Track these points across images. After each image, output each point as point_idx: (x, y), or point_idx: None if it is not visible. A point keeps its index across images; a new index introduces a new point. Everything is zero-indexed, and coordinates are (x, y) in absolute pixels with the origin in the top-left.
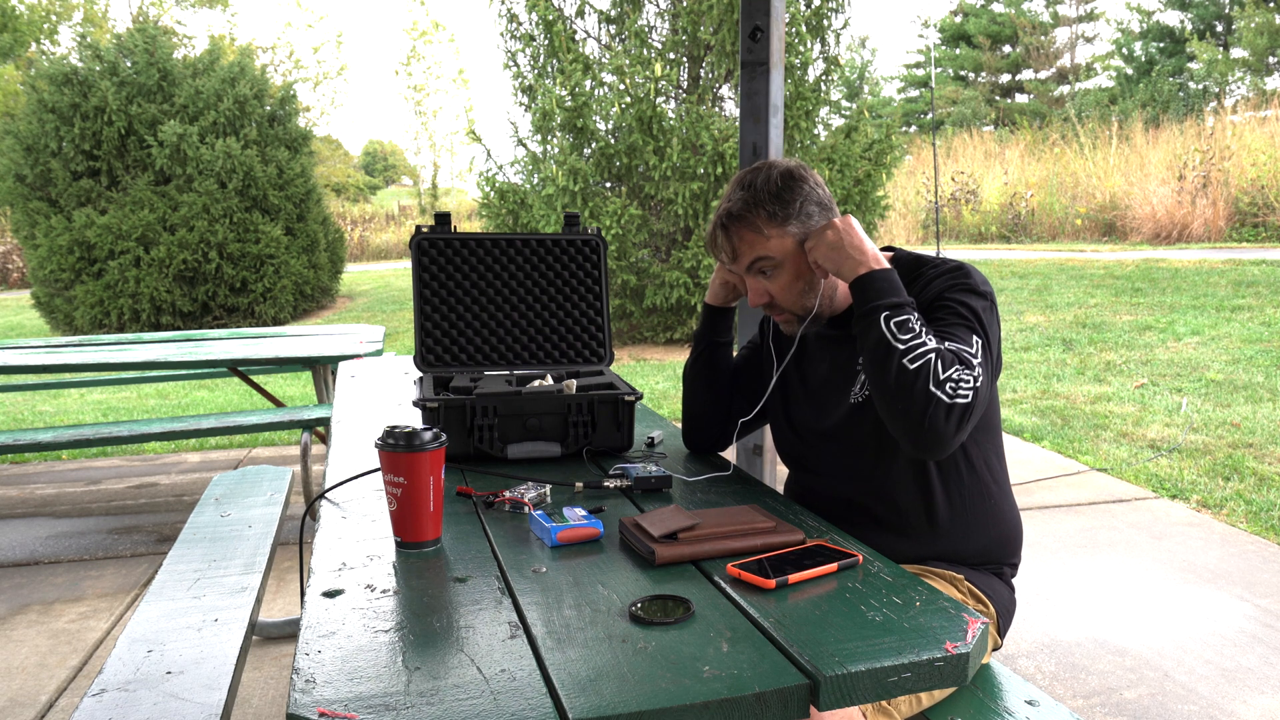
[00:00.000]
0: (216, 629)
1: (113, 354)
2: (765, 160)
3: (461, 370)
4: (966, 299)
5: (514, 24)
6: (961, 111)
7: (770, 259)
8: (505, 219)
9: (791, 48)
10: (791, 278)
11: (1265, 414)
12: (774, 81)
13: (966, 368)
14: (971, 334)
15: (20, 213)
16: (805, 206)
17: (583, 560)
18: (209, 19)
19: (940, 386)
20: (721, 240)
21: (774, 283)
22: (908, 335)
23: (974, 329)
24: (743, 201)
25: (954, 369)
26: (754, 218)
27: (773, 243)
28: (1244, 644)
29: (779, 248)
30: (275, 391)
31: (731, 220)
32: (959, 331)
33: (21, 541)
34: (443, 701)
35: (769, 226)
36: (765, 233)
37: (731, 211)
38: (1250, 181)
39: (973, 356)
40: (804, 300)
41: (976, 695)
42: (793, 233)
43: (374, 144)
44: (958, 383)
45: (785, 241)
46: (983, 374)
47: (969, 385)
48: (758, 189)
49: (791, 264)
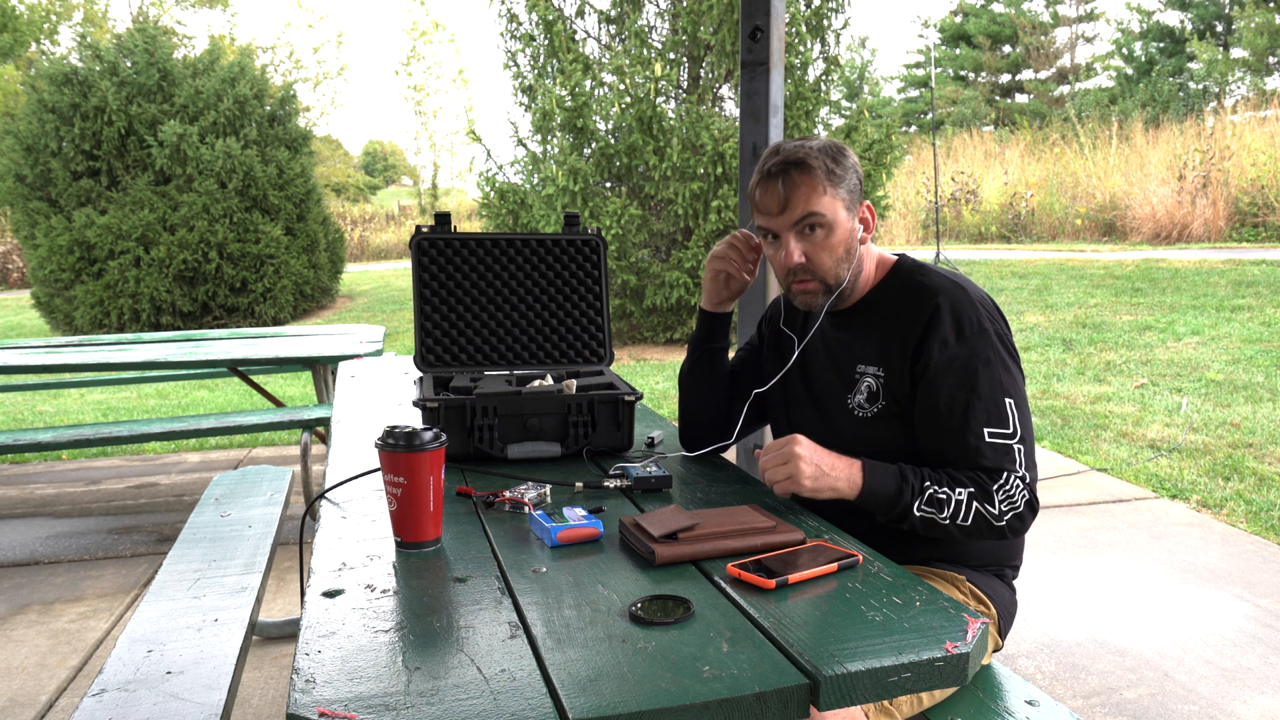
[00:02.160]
0: (216, 629)
1: (113, 354)
2: (806, 136)
3: (461, 370)
4: (990, 371)
5: (514, 24)
6: (961, 111)
7: (822, 216)
8: (505, 219)
9: (791, 48)
10: (835, 243)
11: (1265, 414)
12: (774, 81)
13: (1008, 470)
14: (1002, 407)
15: (20, 213)
16: (852, 178)
17: (583, 560)
18: (209, 19)
19: (1001, 519)
20: (778, 187)
21: (814, 243)
22: (943, 508)
23: (1002, 396)
24: (806, 152)
25: (998, 491)
26: (816, 169)
27: (826, 200)
28: (1244, 644)
29: (830, 206)
30: (275, 391)
31: (794, 167)
32: (993, 414)
33: (21, 541)
34: (443, 701)
35: (826, 182)
36: (824, 188)
37: (795, 158)
38: (1250, 181)
39: (1009, 436)
40: (839, 269)
41: (977, 695)
42: (843, 198)
43: (374, 144)
44: (1010, 497)
45: (835, 203)
46: (1023, 446)
47: (1020, 489)
48: (815, 146)
49: (838, 228)
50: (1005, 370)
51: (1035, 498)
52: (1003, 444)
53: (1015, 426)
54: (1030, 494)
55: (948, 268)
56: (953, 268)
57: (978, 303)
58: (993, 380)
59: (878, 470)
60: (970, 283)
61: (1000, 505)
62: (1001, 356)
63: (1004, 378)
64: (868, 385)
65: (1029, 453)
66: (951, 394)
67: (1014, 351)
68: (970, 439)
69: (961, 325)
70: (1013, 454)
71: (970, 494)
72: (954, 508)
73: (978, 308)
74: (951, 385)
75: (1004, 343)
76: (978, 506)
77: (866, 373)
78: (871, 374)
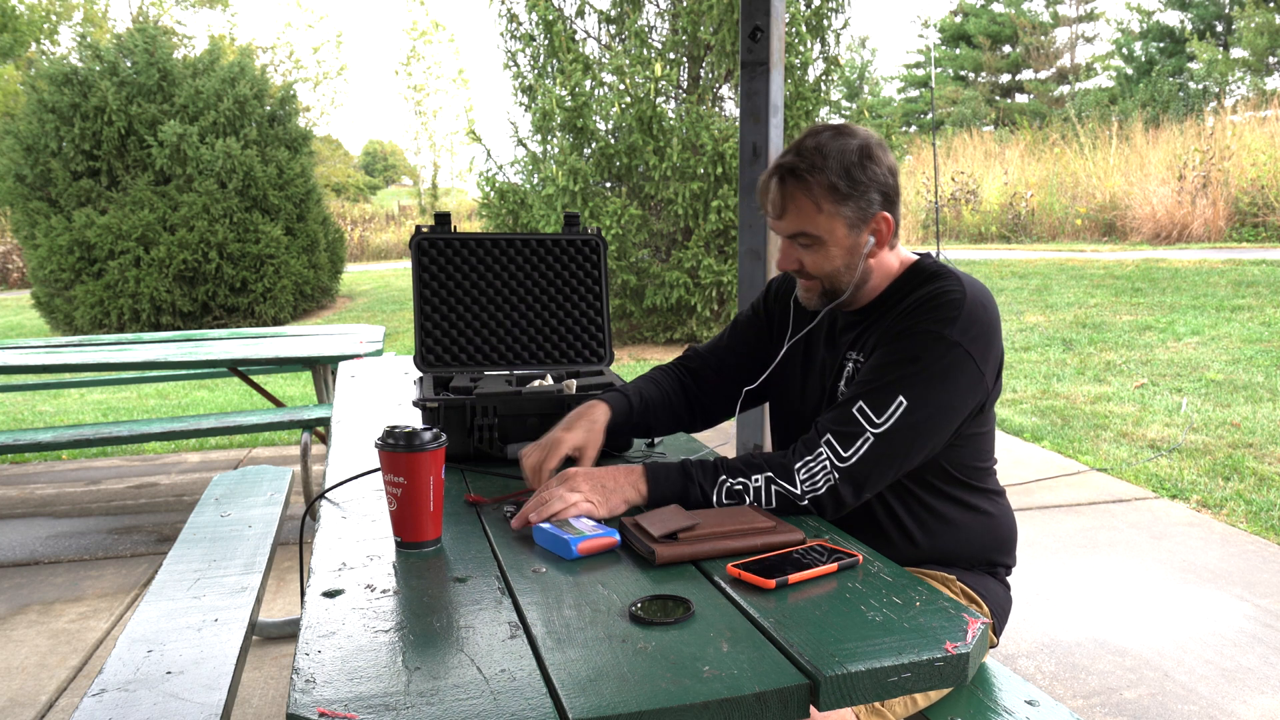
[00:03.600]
0: (216, 629)
1: (113, 354)
2: (849, 125)
3: (461, 370)
4: (912, 368)
5: (514, 24)
6: (961, 111)
7: (814, 237)
8: (505, 219)
9: (791, 48)
10: (830, 257)
11: (1265, 414)
12: (774, 81)
13: (828, 450)
14: (890, 400)
15: (20, 213)
16: (869, 191)
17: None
18: (209, 19)
19: (803, 498)
20: (775, 193)
21: (809, 256)
22: (743, 497)
23: (898, 393)
24: (810, 164)
25: (800, 469)
26: (815, 185)
27: (821, 219)
28: (1244, 644)
29: (826, 227)
30: (275, 391)
31: (791, 178)
32: (877, 398)
33: (21, 541)
34: (443, 701)
35: (826, 200)
36: (820, 206)
37: (795, 169)
38: (1250, 181)
39: (871, 425)
40: (836, 278)
41: (976, 695)
42: (846, 215)
43: (374, 144)
44: (812, 477)
45: (835, 222)
46: (876, 445)
47: (827, 474)
48: (830, 156)
49: (834, 245)
50: (929, 381)
51: (844, 495)
52: (858, 425)
53: (886, 425)
54: (838, 486)
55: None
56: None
57: (966, 316)
58: (905, 376)
59: (659, 473)
60: (983, 300)
61: (801, 485)
62: (938, 368)
63: (919, 383)
64: (848, 371)
65: (882, 455)
66: (873, 362)
67: (971, 378)
68: (844, 402)
69: (929, 318)
70: (856, 440)
71: (768, 478)
72: (754, 495)
73: (961, 319)
74: (877, 356)
75: (955, 363)
76: (777, 489)
77: (850, 358)
78: (853, 360)
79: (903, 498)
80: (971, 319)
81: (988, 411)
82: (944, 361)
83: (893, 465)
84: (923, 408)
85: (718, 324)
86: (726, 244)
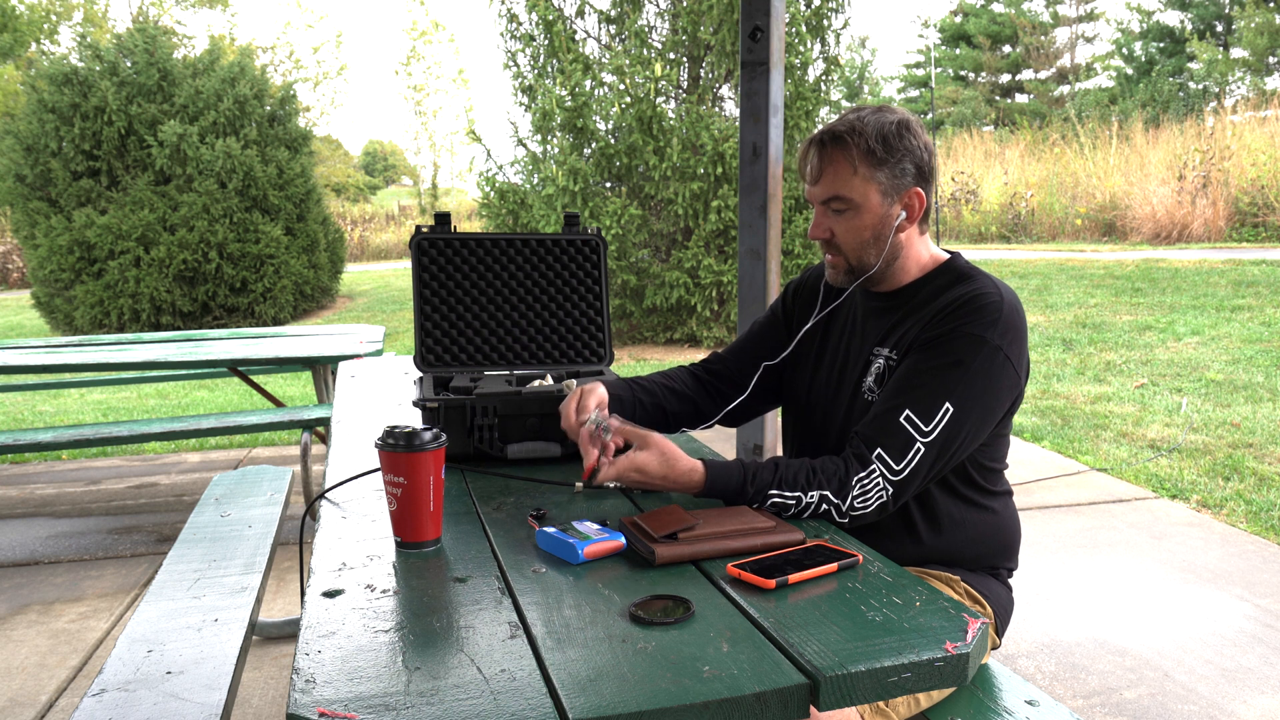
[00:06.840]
0: (216, 629)
1: (113, 354)
2: (890, 105)
3: (461, 370)
4: (956, 373)
5: (514, 24)
6: (961, 111)
7: (848, 201)
8: (505, 219)
9: (791, 48)
10: (861, 226)
11: (1265, 414)
12: (774, 81)
13: (879, 465)
14: (936, 406)
15: (20, 213)
16: (904, 161)
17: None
18: (209, 19)
19: (844, 515)
20: (813, 156)
21: (841, 224)
22: (786, 510)
23: (944, 399)
24: (850, 127)
25: (856, 484)
26: (853, 147)
27: (856, 182)
28: (1244, 644)
29: (861, 191)
30: (275, 391)
31: (832, 141)
32: (924, 406)
33: (21, 541)
34: (443, 701)
35: (862, 164)
36: (856, 169)
37: (835, 132)
38: (1250, 181)
39: (922, 434)
40: (865, 253)
41: (976, 695)
42: (880, 181)
43: (374, 144)
44: (865, 494)
45: (869, 187)
46: (928, 454)
47: (880, 488)
48: (868, 122)
49: (867, 213)
50: (972, 384)
51: (888, 508)
52: (908, 435)
53: (935, 432)
54: (888, 502)
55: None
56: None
57: (1004, 319)
58: (950, 381)
59: (719, 470)
60: (1014, 303)
61: (854, 501)
62: (982, 372)
63: (963, 387)
64: (877, 368)
65: (931, 464)
66: (912, 366)
67: (1010, 381)
68: (888, 411)
69: (970, 321)
70: (908, 452)
71: (822, 495)
72: (800, 508)
73: (1000, 322)
74: (916, 359)
75: (997, 367)
76: (828, 507)
77: (879, 355)
78: (884, 356)
79: (917, 496)
80: (1009, 322)
81: (1013, 413)
82: (988, 365)
83: (934, 472)
84: (968, 413)
85: (717, 324)
86: (726, 244)
